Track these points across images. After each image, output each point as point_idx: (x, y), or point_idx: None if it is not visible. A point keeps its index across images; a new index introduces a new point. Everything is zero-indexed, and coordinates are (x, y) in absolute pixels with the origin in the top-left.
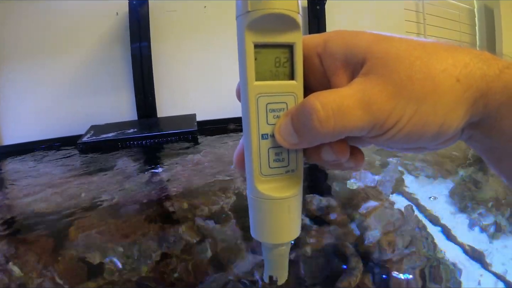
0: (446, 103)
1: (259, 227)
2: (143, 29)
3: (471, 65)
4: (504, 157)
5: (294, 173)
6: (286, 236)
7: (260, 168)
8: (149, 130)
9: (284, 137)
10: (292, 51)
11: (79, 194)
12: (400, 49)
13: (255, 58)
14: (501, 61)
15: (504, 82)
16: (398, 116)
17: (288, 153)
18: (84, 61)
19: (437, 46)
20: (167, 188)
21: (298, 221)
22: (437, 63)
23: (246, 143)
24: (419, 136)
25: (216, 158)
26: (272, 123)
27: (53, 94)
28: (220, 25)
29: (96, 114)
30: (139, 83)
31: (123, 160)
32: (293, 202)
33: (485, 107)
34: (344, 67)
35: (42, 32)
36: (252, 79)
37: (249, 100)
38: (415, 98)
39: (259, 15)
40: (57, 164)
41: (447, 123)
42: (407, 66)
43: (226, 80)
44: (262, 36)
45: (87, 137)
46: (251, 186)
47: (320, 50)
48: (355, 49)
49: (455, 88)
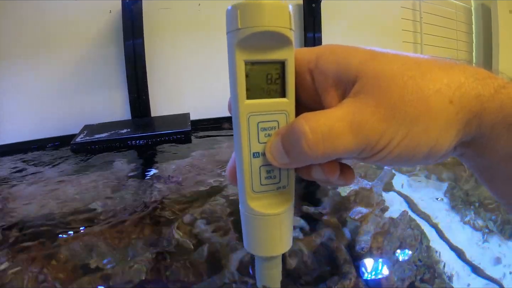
0: (438, 125)
1: (251, 241)
2: (137, 27)
3: (466, 85)
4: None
5: (286, 189)
6: (278, 249)
7: (252, 185)
8: (142, 130)
9: (275, 157)
10: (284, 68)
11: (72, 195)
12: (393, 68)
13: (246, 75)
14: (497, 79)
15: (499, 102)
16: (389, 138)
17: (279, 170)
18: (76, 59)
19: (432, 64)
20: (161, 189)
21: (290, 235)
22: (431, 83)
23: (238, 161)
24: (410, 157)
25: (210, 158)
26: (264, 141)
27: (45, 93)
28: (214, 23)
29: (89, 113)
30: (132, 81)
31: (117, 160)
32: (285, 218)
33: (479, 127)
34: (335, 85)
35: (34, 30)
36: (243, 97)
37: (240, 119)
38: (407, 120)
39: (250, 32)
40: (49, 165)
41: (438, 144)
42: (400, 87)
43: (220, 78)
44: (253, 53)
45: (81, 137)
46: (243, 202)
47: (312, 66)
48: (347, 67)
49: (448, 109)
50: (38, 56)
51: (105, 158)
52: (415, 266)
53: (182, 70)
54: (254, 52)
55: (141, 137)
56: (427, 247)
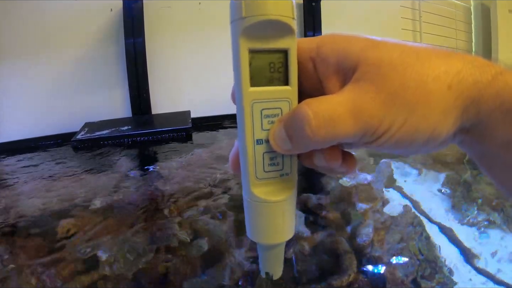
0: (437, 110)
1: (254, 229)
2: (137, 26)
3: (464, 71)
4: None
5: (289, 177)
6: (281, 237)
7: (256, 172)
8: (143, 127)
9: (278, 144)
10: (286, 56)
11: (74, 191)
12: (393, 56)
13: (249, 63)
14: (495, 67)
15: (496, 88)
16: (389, 123)
17: (282, 157)
18: (78, 58)
19: (430, 53)
20: (161, 185)
21: (293, 222)
22: (430, 70)
23: (241, 148)
24: (410, 142)
25: (210, 155)
26: (267, 128)
27: (47, 91)
28: (214, 22)
29: (90, 111)
30: (133, 79)
31: (118, 157)
32: (288, 205)
33: (477, 113)
34: (336, 72)
35: (35, 28)
36: (247, 85)
37: (244, 106)
38: (407, 105)
39: (254, 21)
40: (51, 162)
41: (437, 129)
42: (400, 74)
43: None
44: (257, 41)
45: (81, 135)
46: (246, 189)
47: (313, 54)
48: (347, 55)
49: (446, 95)
50: (39, 54)
51: (106, 154)
52: (418, 261)
53: (183, 68)
54: (258, 41)
55: (142, 134)
56: (427, 241)
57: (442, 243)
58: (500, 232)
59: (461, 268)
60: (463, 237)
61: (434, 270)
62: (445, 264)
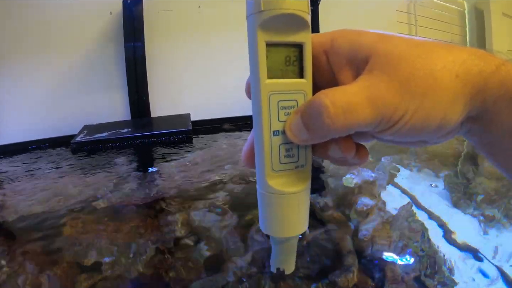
0: (446, 97)
1: (269, 222)
2: (137, 29)
3: (469, 61)
4: (501, 150)
5: (304, 169)
6: (295, 230)
7: (272, 164)
8: (142, 130)
9: (295, 134)
10: (301, 50)
11: (73, 194)
12: (402, 48)
13: (266, 56)
14: (497, 58)
15: (500, 78)
16: (403, 110)
17: (298, 149)
18: (77, 60)
19: (436, 45)
20: (161, 188)
21: (306, 216)
22: (437, 61)
23: (258, 140)
24: (422, 129)
25: (210, 158)
26: (283, 120)
27: (46, 94)
28: (214, 25)
29: (90, 114)
30: (133, 82)
31: (117, 160)
32: (303, 197)
33: (483, 101)
34: (349, 64)
35: (35, 31)
36: (264, 77)
37: (261, 97)
38: (418, 93)
39: (272, 14)
40: (50, 164)
41: (447, 116)
42: (409, 64)
43: (220, 79)
44: (273, 35)
45: (81, 137)
46: (262, 181)
47: (327, 48)
48: (359, 47)
49: (454, 83)
50: (39, 57)
51: (105, 157)
52: (418, 258)
53: (182, 71)
54: (275, 34)
55: (141, 137)
56: (427, 238)
57: (442, 240)
58: (500, 227)
59: (461, 265)
60: (464, 233)
61: (434, 268)
62: (445, 262)
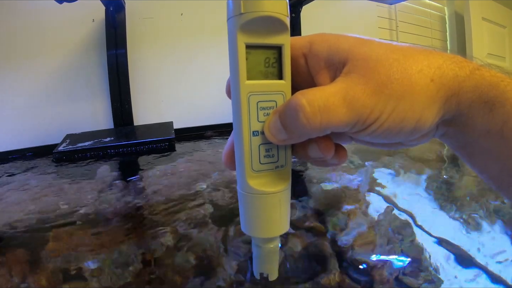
0: (421, 100)
1: (250, 222)
2: (120, 36)
3: (444, 66)
4: (476, 152)
5: (284, 169)
6: (277, 230)
7: (252, 164)
8: (126, 139)
9: (274, 134)
10: (281, 52)
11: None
12: (379, 52)
13: (246, 58)
14: (472, 63)
15: (474, 82)
16: (379, 112)
17: (277, 149)
18: (59, 68)
19: (413, 50)
20: (145, 197)
21: (288, 216)
22: (413, 65)
23: (238, 140)
24: (398, 130)
25: (193, 165)
26: (262, 120)
27: (27, 102)
28: (196, 33)
29: (72, 122)
30: (115, 90)
31: (101, 169)
32: (283, 197)
33: (458, 105)
34: (327, 67)
35: (15, 37)
36: (244, 78)
37: (241, 98)
38: (394, 96)
39: (251, 17)
40: (32, 174)
41: (423, 119)
42: (386, 68)
43: (203, 87)
44: (253, 37)
45: (63, 146)
46: (242, 181)
47: (305, 51)
48: (337, 51)
49: (429, 87)
50: (19, 65)
51: (88, 166)
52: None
53: (165, 79)
54: (255, 36)
55: (125, 145)
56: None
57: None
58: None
59: (445, 265)
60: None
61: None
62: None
